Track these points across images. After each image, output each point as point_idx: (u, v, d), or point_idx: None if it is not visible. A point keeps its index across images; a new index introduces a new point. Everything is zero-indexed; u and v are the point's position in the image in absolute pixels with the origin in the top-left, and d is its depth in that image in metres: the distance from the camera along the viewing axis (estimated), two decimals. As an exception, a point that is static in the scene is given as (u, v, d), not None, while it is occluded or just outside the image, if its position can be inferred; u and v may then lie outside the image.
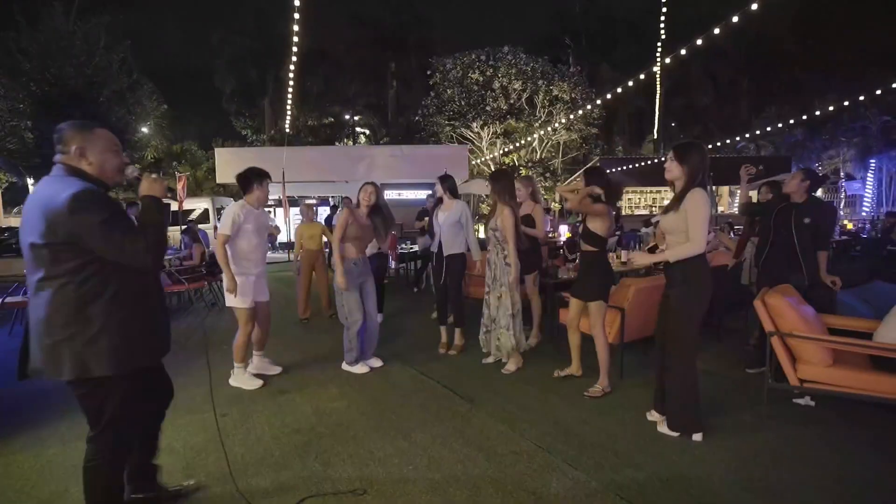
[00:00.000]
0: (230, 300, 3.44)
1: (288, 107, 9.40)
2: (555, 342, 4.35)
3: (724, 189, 18.46)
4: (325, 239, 5.72)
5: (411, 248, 8.02)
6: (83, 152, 1.75)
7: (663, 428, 2.81)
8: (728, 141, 16.52)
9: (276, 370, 3.84)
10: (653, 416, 2.95)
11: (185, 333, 5.37)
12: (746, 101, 23.49)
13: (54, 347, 1.66)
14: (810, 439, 2.72)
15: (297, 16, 5.93)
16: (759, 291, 3.24)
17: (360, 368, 3.89)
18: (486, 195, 11.76)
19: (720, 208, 19.34)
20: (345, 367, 3.91)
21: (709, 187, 3.67)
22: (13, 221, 20.97)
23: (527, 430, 2.86)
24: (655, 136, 19.44)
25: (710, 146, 16.69)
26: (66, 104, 9.11)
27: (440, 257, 4.22)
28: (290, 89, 7.92)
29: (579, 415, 3.06)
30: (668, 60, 8.66)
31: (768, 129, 15.19)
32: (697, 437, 2.71)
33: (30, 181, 12.97)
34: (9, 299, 5.19)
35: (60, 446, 2.80)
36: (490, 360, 4.00)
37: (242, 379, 3.56)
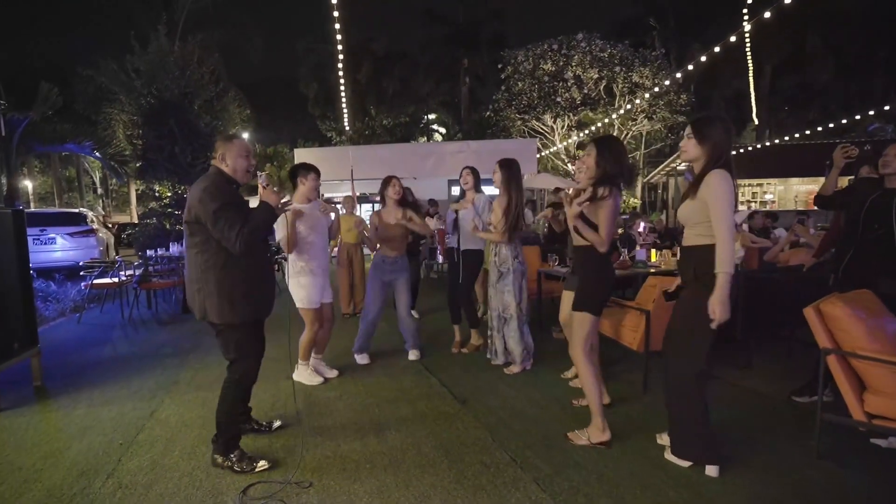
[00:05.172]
0: (298, 302, 3.35)
1: (343, 106, 9.78)
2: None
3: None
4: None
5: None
6: (224, 157, 2.31)
7: (670, 455, 2.37)
8: (845, 120, 13.85)
9: (333, 373, 3.65)
10: (663, 439, 2.51)
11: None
12: (884, 74, 19.60)
13: (192, 294, 2.31)
14: (877, 494, 2.10)
15: (336, 13, 6.13)
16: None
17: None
18: (550, 190, 11.09)
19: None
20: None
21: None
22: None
23: (508, 439, 2.59)
24: (756, 122, 16.96)
25: (826, 128, 14.14)
26: (165, 114, 10.37)
27: (457, 252, 4.07)
28: (342, 88, 8.21)
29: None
30: (748, 28, 7.41)
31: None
32: (712, 470, 2.23)
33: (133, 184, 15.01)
34: (96, 280, 6.00)
35: (86, 409, 3.13)
36: (499, 360, 3.74)
37: (305, 375, 3.51)
